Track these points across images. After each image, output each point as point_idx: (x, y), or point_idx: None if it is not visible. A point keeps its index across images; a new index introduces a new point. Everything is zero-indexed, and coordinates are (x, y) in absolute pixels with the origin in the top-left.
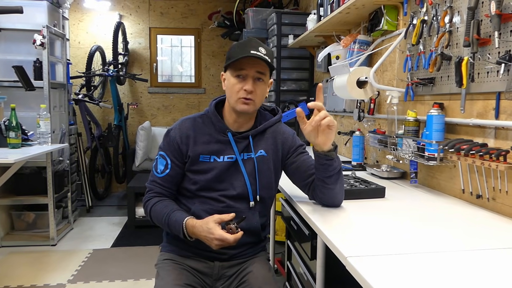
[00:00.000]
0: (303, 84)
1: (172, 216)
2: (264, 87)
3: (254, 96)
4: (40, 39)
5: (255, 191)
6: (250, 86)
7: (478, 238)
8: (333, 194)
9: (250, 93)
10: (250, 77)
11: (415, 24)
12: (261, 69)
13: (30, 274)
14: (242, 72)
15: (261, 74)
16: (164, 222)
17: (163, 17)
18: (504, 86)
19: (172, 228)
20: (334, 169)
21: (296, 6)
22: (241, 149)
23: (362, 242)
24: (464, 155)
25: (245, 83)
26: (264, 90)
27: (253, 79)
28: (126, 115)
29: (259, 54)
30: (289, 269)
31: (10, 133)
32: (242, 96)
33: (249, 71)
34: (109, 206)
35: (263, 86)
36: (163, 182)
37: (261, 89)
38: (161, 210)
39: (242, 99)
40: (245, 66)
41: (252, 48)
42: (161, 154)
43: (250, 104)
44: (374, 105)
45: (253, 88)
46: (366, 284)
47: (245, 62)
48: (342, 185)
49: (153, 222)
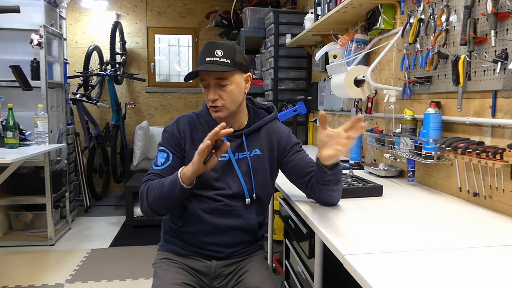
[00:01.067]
0: (300, 83)
1: (166, 180)
2: (231, 89)
3: (221, 101)
4: (37, 38)
5: (251, 190)
6: (212, 95)
7: (475, 236)
8: (330, 196)
9: (215, 101)
10: (212, 86)
11: (412, 23)
12: (219, 74)
13: (28, 274)
14: (204, 83)
15: (221, 80)
16: (158, 189)
17: (161, 16)
18: (500, 84)
19: (167, 188)
20: (332, 180)
21: (294, 5)
22: (235, 148)
23: (360, 240)
24: (461, 154)
25: (209, 92)
26: (232, 92)
27: (215, 86)
28: (124, 114)
29: (214, 59)
30: (287, 268)
31: (8, 133)
32: (210, 105)
33: (209, 80)
34: (107, 206)
35: (230, 88)
36: (163, 173)
37: (228, 92)
38: (156, 183)
39: (211, 107)
40: (204, 76)
41: (208, 54)
42: (161, 149)
43: (220, 110)
44: (371, 104)
45: (216, 96)
46: (363, 282)
47: (203, 72)
48: (340, 189)
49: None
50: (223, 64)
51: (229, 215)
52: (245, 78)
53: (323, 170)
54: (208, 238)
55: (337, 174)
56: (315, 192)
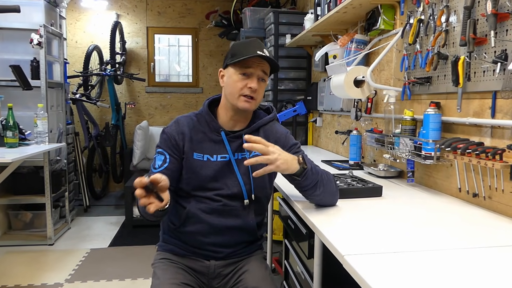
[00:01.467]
0: (300, 84)
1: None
2: (264, 88)
3: (257, 94)
4: (37, 38)
5: (249, 191)
6: (255, 84)
7: (475, 236)
8: (318, 199)
9: (255, 91)
10: (255, 76)
11: (412, 23)
12: (266, 68)
13: (27, 274)
14: (248, 70)
15: (265, 75)
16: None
17: (161, 16)
18: (500, 85)
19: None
20: (308, 184)
21: (294, 6)
22: (235, 148)
23: (359, 240)
24: (461, 154)
25: (250, 81)
26: (263, 89)
27: (258, 78)
28: (123, 114)
29: (266, 54)
30: (286, 268)
31: (7, 132)
32: (246, 94)
33: (255, 70)
34: (106, 205)
35: (264, 86)
36: None
37: (262, 89)
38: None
39: (245, 96)
40: (252, 65)
41: (258, 48)
42: (158, 151)
43: (252, 102)
44: (371, 104)
45: (258, 87)
46: (363, 282)
47: (251, 61)
48: (326, 193)
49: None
50: (272, 62)
51: (228, 215)
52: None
53: (293, 179)
54: (207, 238)
55: (310, 178)
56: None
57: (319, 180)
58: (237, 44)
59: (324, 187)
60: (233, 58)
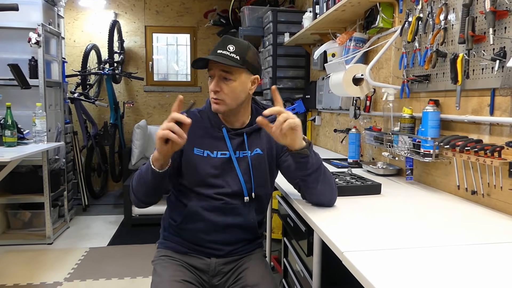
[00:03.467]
0: (299, 82)
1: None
2: (234, 86)
3: (222, 95)
4: (35, 37)
5: (250, 189)
6: (213, 86)
7: (473, 233)
8: (317, 193)
9: (216, 92)
10: (216, 77)
11: (410, 21)
12: (225, 68)
13: (26, 273)
14: (210, 73)
15: (226, 73)
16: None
17: (159, 15)
18: (498, 82)
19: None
20: (312, 166)
21: (292, 4)
22: (236, 146)
23: (358, 237)
24: (459, 152)
25: (212, 83)
26: (234, 88)
27: (220, 78)
28: (122, 113)
29: (224, 52)
30: (285, 266)
31: (6, 131)
32: (212, 97)
33: (215, 71)
34: (105, 204)
35: (233, 84)
36: None
37: (230, 88)
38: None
39: (212, 99)
40: (212, 66)
41: (220, 47)
42: None
43: (219, 103)
44: (370, 103)
45: (218, 88)
46: (362, 278)
47: (211, 63)
48: (327, 186)
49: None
50: (231, 59)
51: (229, 213)
52: (252, 79)
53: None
54: (208, 235)
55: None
56: (304, 194)
57: (321, 166)
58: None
59: (325, 176)
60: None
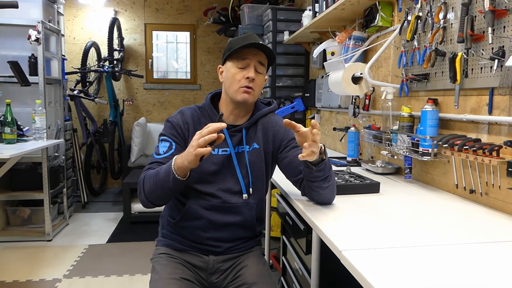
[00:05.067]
0: (298, 80)
1: (161, 169)
2: (262, 79)
3: (255, 85)
4: (35, 34)
5: (247, 184)
6: (253, 74)
7: (471, 232)
8: (321, 195)
9: (252, 81)
10: (252, 66)
11: (409, 20)
12: (263, 60)
13: (25, 270)
14: (245, 62)
15: (262, 66)
16: (154, 178)
17: (159, 13)
18: (497, 81)
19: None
20: (318, 177)
21: (292, 2)
22: (236, 142)
23: (357, 236)
24: (458, 150)
25: (247, 72)
26: (262, 81)
27: (255, 69)
28: (121, 111)
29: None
30: (284, 265)
31: (6, 128)
32: (244, 85)
33: (252, 60)
34: (104, 202)
35: (262, 77)
36: (165, 162)
37: (261, 81)
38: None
39: (243, 88)
40: (248, 55)
41: (253, 39)
42: (163, 138)
43: (250, 93)
44: (369, 101)
45: (255, 76)
46: (360, 277)
47: (247, 52)
48: (331, 188)
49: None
50: (268, 51)
51: (228, 211)
52: (265, 79)
53: (308, 167)
54: (206, 233)
55: (324, 170)
56: (306, 190)
57: (330, 174)
58: (233, 39)
59: (331, 182)
60: (229, 51)
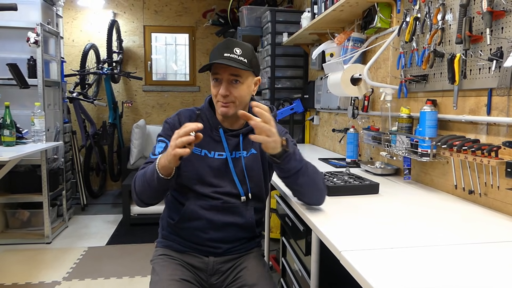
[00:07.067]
0: (297, 82)
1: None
2: (242, 88)
3: (231, 98)
4: (34, 37)
5: (246, 190)
6: (223, 90)
7: (470, 232)
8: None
9: (225, 97)
10: (225, 81)
11: (408, 21)
12: (235, 71)
13: (25, 272)
14: (217, 76)
15: (236, 76)
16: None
17: (157, 15)
18: (495, 82)
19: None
20: (288, 171)
21: (290, 4)
22: (232, 147)
23: (356, 236)
24: (457, 151)
25: (220, 87)
26: (242, 90)
27: (228, 82)
28: (120, 113)
29: (232, 56)
30: (284, 266)
31: (5, 131)
32: (219, 100)
33: (223, 75)
34: (103, 204)
35: (241, 86)
36: None
37: (239, 90)
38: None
39: (220, 103)
40: (219, 70)
41: (226, 50)
42: (160, 139)
43: (229, 106)
44: (368, 102)
45: (227, 92)
46: (359, 277)
47: (217, 66)
48: (310, 184)
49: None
50: (241, 62)
51: (227, 212)
52: (255, 81)
53: (273, 161)
54: (206, 234)
55: (290, 163)
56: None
57: (303, 168)
58: (214, 48)
59: (308, 178)
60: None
